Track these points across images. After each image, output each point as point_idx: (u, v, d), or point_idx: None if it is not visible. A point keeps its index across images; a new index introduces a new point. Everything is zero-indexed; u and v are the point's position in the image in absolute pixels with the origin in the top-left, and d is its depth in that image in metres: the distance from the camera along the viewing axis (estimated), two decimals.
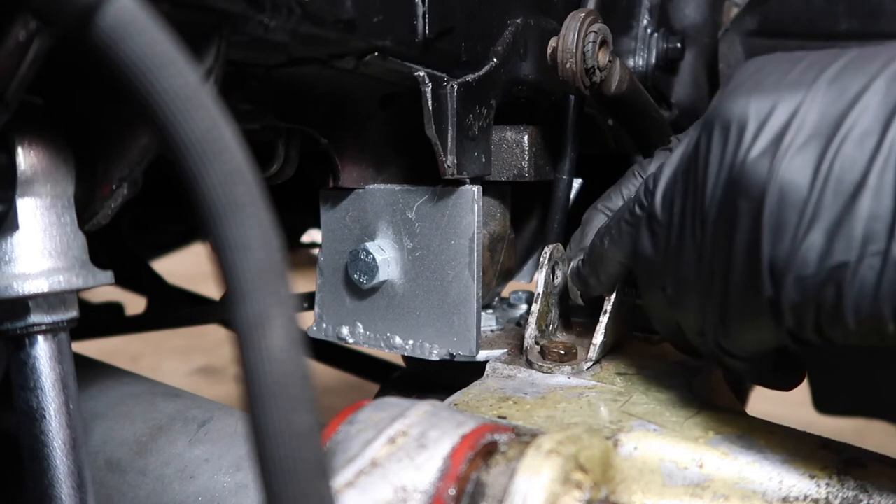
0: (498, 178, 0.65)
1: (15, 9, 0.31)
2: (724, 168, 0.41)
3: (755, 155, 0.39)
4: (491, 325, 0.71)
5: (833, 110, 0.37)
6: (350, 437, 0.39)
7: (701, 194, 0.43)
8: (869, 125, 0.36)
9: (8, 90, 0.34)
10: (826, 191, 0.36)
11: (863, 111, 0.36)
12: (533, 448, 0.37)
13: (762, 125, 0.39)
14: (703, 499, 0.42)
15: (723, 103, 0.42)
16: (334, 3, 0.44)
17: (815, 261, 0.37)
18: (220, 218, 0.27)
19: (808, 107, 0.38)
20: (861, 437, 0.41)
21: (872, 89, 0.36)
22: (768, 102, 0.40)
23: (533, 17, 0.65)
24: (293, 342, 0.27)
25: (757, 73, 0.42)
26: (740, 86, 0.42)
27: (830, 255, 0.36)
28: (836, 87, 0.38)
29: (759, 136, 0.39)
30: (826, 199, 0.36)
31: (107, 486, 0.59)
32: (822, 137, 0.37)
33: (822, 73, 0.39)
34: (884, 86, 0.36)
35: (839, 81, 0.38)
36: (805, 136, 0.38)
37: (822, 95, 0.38)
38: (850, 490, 0.41)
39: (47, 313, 0.41)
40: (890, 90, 0.36)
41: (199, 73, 0.28)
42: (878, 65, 0.37)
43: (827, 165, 0.36)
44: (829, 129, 0.37)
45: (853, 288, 0.36)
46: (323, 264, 0.69)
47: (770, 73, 0.41)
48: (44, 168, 0.41)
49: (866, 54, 0.39)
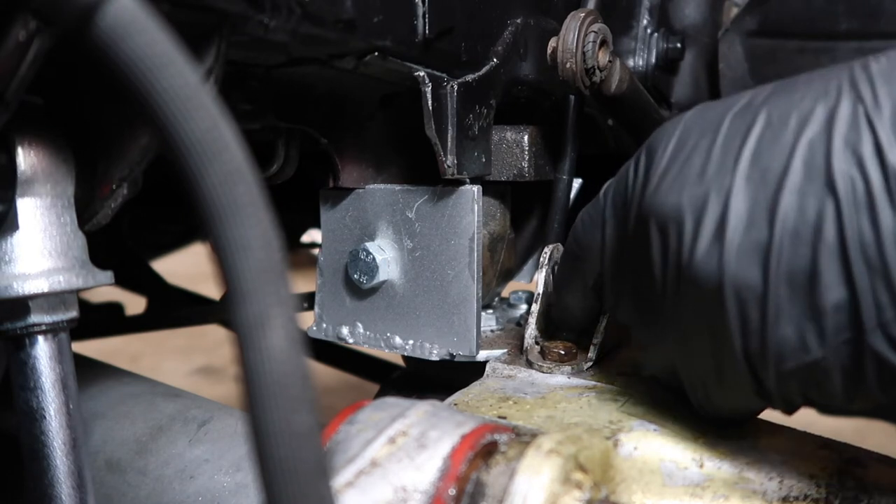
0: (498, 178, 0.65)
1: (15, 9, 0.31)
2: (671, 267, 0.41)
3: (701, 254, 0.39)
4: (491, 325, 0.71)
5: (762, 197, 0.37)
6: (350, 437, 0.39)
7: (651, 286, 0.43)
8: (800, 213, 0.36)
9: (8, 90, 0.34)
10: (780, 285, 0.36)
11: (791, 197, 0.36)
12: (533, 448, 0.37)
13: (699, 220, 0.39)
14: (703, 499, 0.42)
15: (654, 200, 0.42)
16: (334, 3, 0.44)
17: (791, 354, 0.37)
18: (220, 218, 0.27)
19: (738, 195, 0.38)
20: (861, 437, 0.41)
21: (793, 170, 0.36)
22: (699, 194, 0.39)
23: (533, 17, 0.65)
24: (293, 342, 0.27)
25: (678, 153, 0.42)
26: (666, 176, 0.41)
27: (806, 350, 0.36)
28: (758, 169, 0.37)
29: (699, 233, 0.39)
30: (782, 293, 0.36)
31: (107, 486, 0.59)
32: (760, 228, 0.37)
33: (742, 151, 0.38)
34: (801, 164, 0.36)
35: (759, 161, 0.37)
36: (743, 227, 0.37)
37: (747, 181, 0.38)
38: (850, 490, 0.41)
39: (47, 313, 0.41)
40: (808, 170, 0.36)
41: (199, 73, 0.28)
42: (791, 133, 0.37)
43: (775, 261, 0.36)
44: (764, 218, 0.37)
45: (836, 375, 0.36)
46: (323, 264, 0.69)
47: (692, 156, 0.41)
48: (44, 168, 0.41)
49: (780, 111, 0.38)
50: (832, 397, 0.38)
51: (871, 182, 0.34)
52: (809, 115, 0.37)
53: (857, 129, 0.35)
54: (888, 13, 0.74)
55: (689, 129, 0.42)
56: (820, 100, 0.37)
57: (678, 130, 0.43)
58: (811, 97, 0.37)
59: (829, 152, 0.35)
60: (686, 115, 0.43)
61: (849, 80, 0.36)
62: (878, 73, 0.36)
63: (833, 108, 0.36)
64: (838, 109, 0.36)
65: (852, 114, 0.35)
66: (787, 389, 0.38)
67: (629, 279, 0.47)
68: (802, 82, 0.39)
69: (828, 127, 0.36)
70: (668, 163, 0.42)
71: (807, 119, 0.37)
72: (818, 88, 0.37)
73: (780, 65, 0.81)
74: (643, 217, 0.43)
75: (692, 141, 0.41)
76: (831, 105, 0.36)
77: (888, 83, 0.35)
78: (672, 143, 0.42)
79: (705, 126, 0.41)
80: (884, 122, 0.34)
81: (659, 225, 0.41)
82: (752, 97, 0.40)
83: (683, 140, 0.42)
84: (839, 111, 0.36)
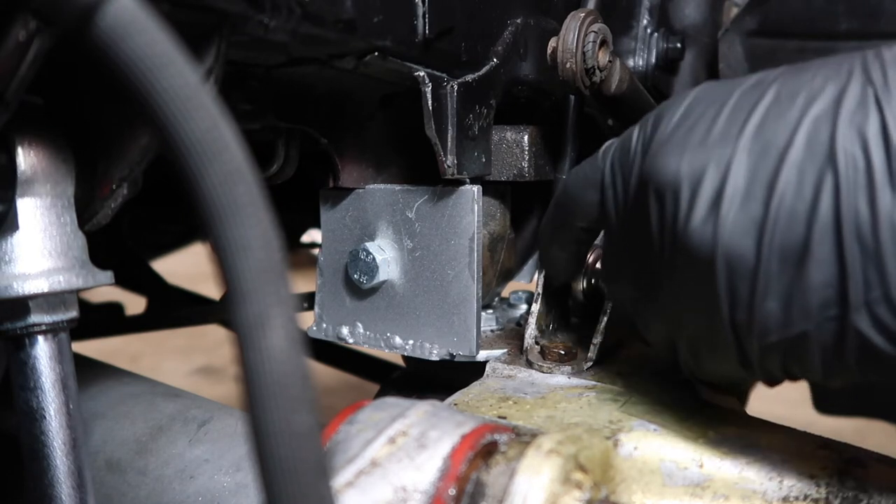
0: (498, 178, 0.65)
1: (15, 9, 0.31)
2: (667, 234, 0.41)
3: (696, 224, 0.39)
4: (491, 325, 0.71)
5: (762, 170, 0.37)
6: (350, 437, 0.39)
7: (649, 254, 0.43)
8: (798, 189, 0.36)
9: (8, 90, 0.34)
10: (772, 259, 0.36)
11: (790, 172, 0.36)
12: (533, 448, 0.37)
13: (696, 189, 0.39)
14: (703, 499, 0.42)
15: (654, 164, 0.42)
16: (334, 3, 0.44)
17: (775, 328, 0.37)
18: (220, 218, 0.27)
19: (738, 167, 0.38)
20: (861, 437, 0.41)
21: (795, 145, 0.36)
22: (698, 163, 0.39)
23: (533, 17, 0.65)
24: (293, 342, 0.27)
25: (684, 121, 0.42)
26: (668, 142, 0.41)
27: (790, 324, 0.37)
28: (761, 141, 0.37)
29: (695, 202, 0.39)
30: (773, 267, 0.36)
31: (107, 486, 0.59)
32: (757, 201, 0.37)
33: (747, 124, 0.38)
34: (804, 139, 0.36)
35: (763, 134, 0.38)
36: (740, 200, 0.37)
37: (748, 153, 0.38)
38: (850, 490, 0.41)
39: (47, 313, 0.41)
40: (811, 146, 0.36)
41: (199, 73, 0.28)
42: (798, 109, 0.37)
43: (769, 235, 0.36)
44: (762, 192, 0.37)
45: (817, 351, 0.37)
46: (323, 264, 0.69)
47: (696, 124, 0.41)
48: (44, 168, 0.41)
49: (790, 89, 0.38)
50: (812, 373, 0.38)
51: (873, 162, 0.34)
52: (818, 93, 0.37)
53: (865, 110, 0.35)
54: (888, 13, 0.74)
55: (699, 99, 0.42)
56: (830, 80, 0.37)
57: (687, 100, 0.43)
58: (822, 77, 0.38)
59: (833, 129, 0.35)
60: (697, 88, 0.44)
61: (861, 65, 0.37)
62: (892, 60, 0.36)
63: (843, 88, 0.36)
64: (847, 89, 0.36)
65: (861, 94, 0.35)
66: (768, 362, 0.39)
67: (629, 249, 0.47)
68: (815, 65, 0.39)
69: (835, 105, 0.36)
70: (673, 129, 0.42)
71: (815, 97, 0.37)
72: (830, 70, 0.38)
73: (779, 65, 0.81)
74: (643, 181, 0.43)
75: (699, 110, 0.41)
76: (841, 85, 0.36)
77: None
78: (679, 111, 0.42)
79: (714, 98, 0.41)
80: (892, 105, 0.34)
81: (657, 191, 0.41)
82: (763, 76, 0.41)
83: (691, 109, 0.42)
84: (848, 91, 0.36)
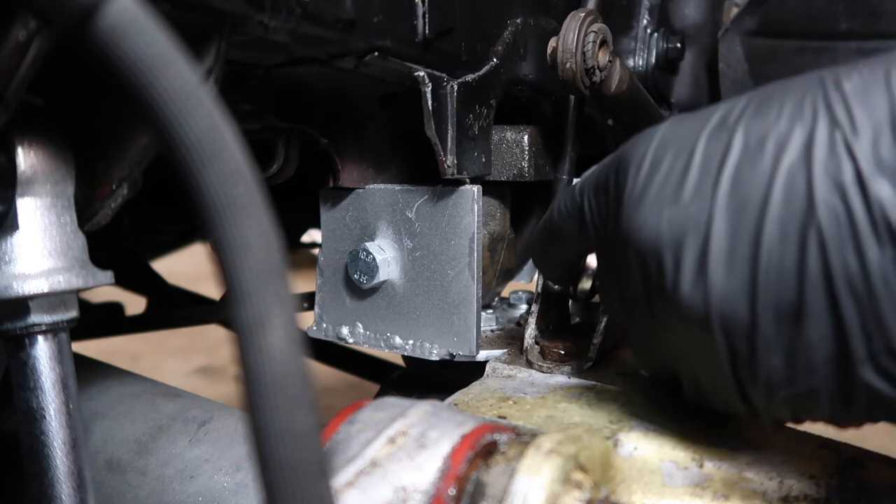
0: (498, 178, 0.65)
1: (15, 9, 0.31)
2: (655, 295, 0.40)
3: (686, 290, 0.38)
4: (491, 325, 0.71)
5: (744, 229, 0.36)
6: (350, 437, 0.39)
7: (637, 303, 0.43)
8: (783, 245, 0.35)
9: (8, 90, 0.34)
10: (768, 319, 0.36)
11: (773, 228, 0.35)
12: (533, 448, 0.37)
13: (679, 253, 0.38)
14: (703, 499, 0.42)
15: (632, 223, 0.41)
16: (334, 3, 0.44)
17: (781, 385, 0.37)
18: (220, 218, 0.27)
19: (719, 226, 0.37)
20: (861, 437, 0.41)
21: (773, 200, 0.35)
22: (678, 224, 0.38)
23: (533, 17, 0.65)
24: (293, 342, 0.27)
25: (654, 171, 0.40)
26: (643, 198, 0.40)
27: (795, 380, 0.36)
28: (738, 197, 0.36)
29: (680, 268, 0.38)
30: (770, 326, 0.36)
31: (107, 486, 0.59)
32: (743, 262, 0.36)
33: (721, 177, 0.37)
34: (781, 193, 0.35)
35: (738, 189, 0.36)
36: (725, 261, 0.36)
37: (727, 210, 0.36)
38: (850, 490, 0.41)
39: (47, 313, 0.41)
40: (789, 200, 0.35)
41: (199, 73, 0.28)
42: (769, 159, 0.36)
43: (761, 295, 0.35)
44: (747, 251, 0.36)
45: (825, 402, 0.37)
46: (323, 264, 0.69)
47: (668, 177, 0.39)
48: (44, 168, 0.41)
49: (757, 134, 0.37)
50: (820, 418, 0.38)
51: (855, 214, 0.33)
52: (787, 139, 0.36)
53: (837, 157, 0.34)
54: (888, 13, 0.74)
55: (665, 144, 0.41)
56: (796, 122, 0.36)
57: (653, 146, 0.41)
58: (787, 118, 0.36)
59: (810, 182, 0.34)
60: (659, 129, 0.42)
61: (823, 101, 0.35)
62: (853, 93, 0.35)
63: (810, 132, 0.35)
64: (815, 134, 0.35)
65: (830, 140, 0.34)
66: (776, 412, 0.39)
67: (615, 285, 0.46)
68: (777, 99, 0.37)
69: (806, 153, 0.35)
70: (645, 182, 0.40)
71: (784, 144, 0.35)
72: (793, 107, 0.36)
73: (780, 65, 0.81)
74: (622, 238, 0.42)
75: (668, 160, 0.40)
76: (808, 129, 0.35)
77: (864, 104, 0.34)
78: (647, 160, 0.41)
79: (680, 144, 0.40)
80: (864, 150, 0.33)
81: (638, 252, 0.40)
82: (725, 113, 0.39)
83: (658, 158, 0.40)
84: (816, 136, 0.35)
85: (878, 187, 0.32)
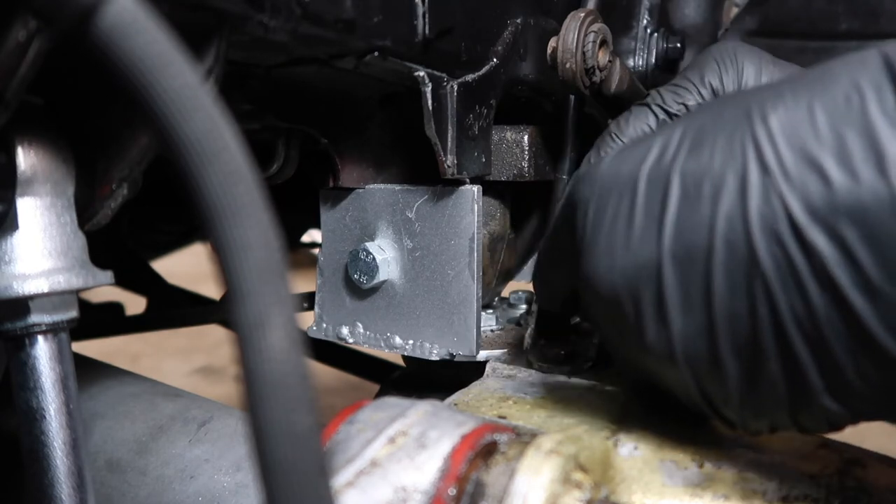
0: (498, 178, 0.65)
1: (15, 9, 0.31)
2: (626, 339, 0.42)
3: (651, 337, 0.39)
4: (491, 325, 0.71)
5: (693, 278, 0.37)
6: (350, 437, 0.39)
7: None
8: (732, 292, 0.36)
9: (8, 90, 0.34)
10: (729, 359, 0.37)
11: (720, 277, 0.36)
12: (533, 448, 0.37)
13: (637, 304, 0.39)
14: (703, 499, 0.42)
15: (587, 271, 0.41)
16: (334, 3, 0.44)
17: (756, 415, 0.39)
18: (220, 218, 0.27)
19: (669, 277, 0.37)
20: (861, 437, 0.41)
21: (717, 249, 0.36)
22: (630, 275, 0.39)
23: (533, 17, 0.65)
24: (293, 342, 0.27)
25: (601, 216, 0.41)
26: (594, 246, 0.41)
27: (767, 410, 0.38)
28: (683, 246, 0.37)
29: (641, 318, 0.39)
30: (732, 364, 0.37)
31: (107, 486, 0.59)
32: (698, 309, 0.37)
33: (664, 225, 0.38)
34: (723, 243, 0.35)
35: (682, 238, 0.37)
36: (681, 309, 0.37)
37: (674, 260, 0.37)
38: (850, 490, 0.41)
39: (47, 313, 0.41)
40: (731, 249, 0.35)
41: (199, 73, 0.28)
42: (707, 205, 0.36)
43: (720, 338, 0.37)
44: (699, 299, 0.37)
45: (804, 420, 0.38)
46: (323, 264, 0.69)
47: (615, 223, 0.40)
48: (44, 168, 0.41)
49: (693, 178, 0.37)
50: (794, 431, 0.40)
51: (795, 262, 0.33)
52: (721, 183, 0.36)
53: (770, 205, 0.34)
54: (888, 13, 0.74)
55: (608, 187, 0.41)
56: (728, 165, 0.36)
57: (596, 188, 0.42)
58: (720, 159, 0.36)
59: (748, 232, 0.34)
60: (601, 167, 0.42)
61: (752, 140, 0.35)
62: (779, 131, 0.35)
63: (742, 177, 0.35)
64: (748, 180, 0.35)
65: (762, 187, 0.34)
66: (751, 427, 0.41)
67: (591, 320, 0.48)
68: (709, 133, 0.37)
69: (741, 200, 0.35)
70: (593, 229, 0.41)
71: (719, 188, 0.36)
72: (724, 146, 0.36)
73: None
74: (582, 283, 0.43)
75: (612, 203, 0.40)
76: (740, 173, 0.35)
77: (790, 145, 0.34)
78: (592, 205, 0.42)
79: (622, 185, 0.40)
80: (795, 197, 0.33)
81: (600, 300, 0.42)
82: (662, 149, 0.39)
83: (604, 201, 0.41)
84: (749, 181, 0.35)
85: (813, 237, 0.33)
